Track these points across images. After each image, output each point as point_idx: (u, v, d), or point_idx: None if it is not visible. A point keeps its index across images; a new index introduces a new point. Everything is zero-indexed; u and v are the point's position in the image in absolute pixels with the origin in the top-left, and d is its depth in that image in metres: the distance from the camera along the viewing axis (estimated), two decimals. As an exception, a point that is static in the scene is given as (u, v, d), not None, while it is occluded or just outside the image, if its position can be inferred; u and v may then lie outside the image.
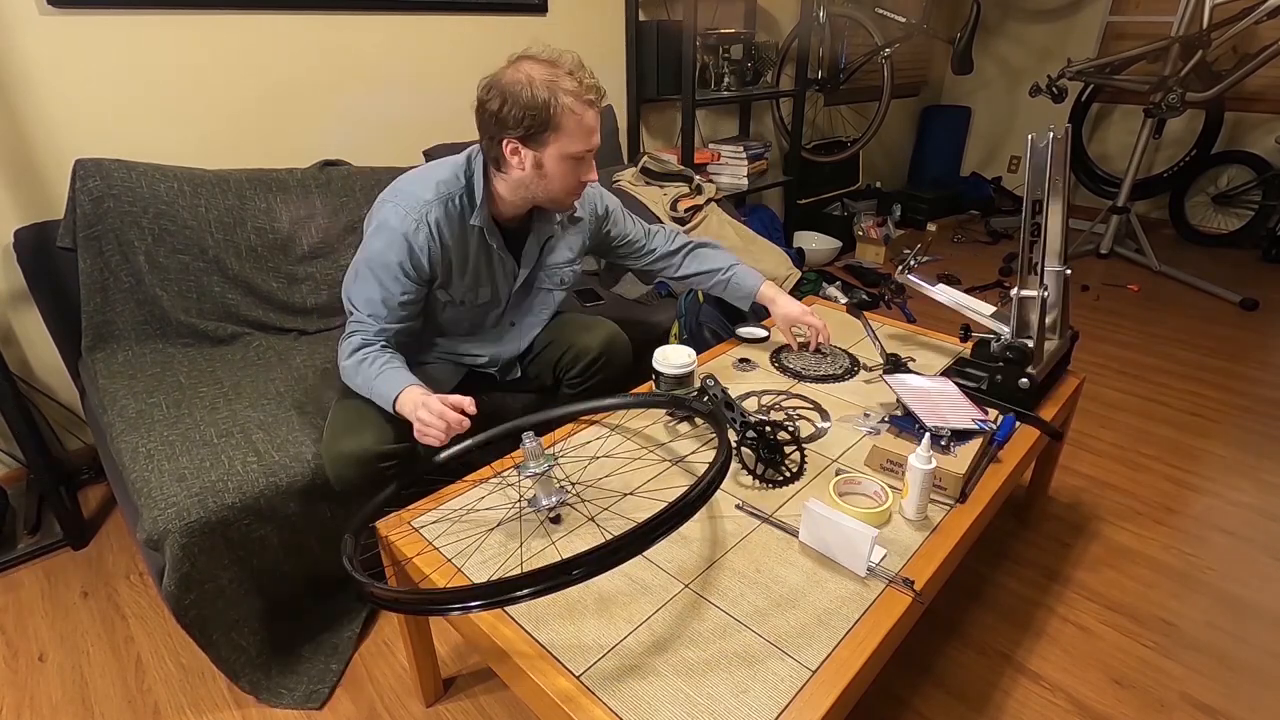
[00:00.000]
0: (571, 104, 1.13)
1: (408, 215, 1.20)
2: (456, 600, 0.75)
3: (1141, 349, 2.64)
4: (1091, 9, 3.99)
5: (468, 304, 1.36)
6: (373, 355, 1.24)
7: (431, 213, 1.21)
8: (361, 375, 1.23)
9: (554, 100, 1.11)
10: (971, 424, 1.19)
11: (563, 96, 1.12)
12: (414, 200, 1.21)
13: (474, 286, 1.34)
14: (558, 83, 1.12)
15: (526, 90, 1.10)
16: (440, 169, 1.26)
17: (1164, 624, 1.42)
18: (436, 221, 1.22)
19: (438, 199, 1.22)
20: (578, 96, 1.13)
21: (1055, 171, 1.29)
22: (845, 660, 0.83)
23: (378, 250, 1.22)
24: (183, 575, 1.16)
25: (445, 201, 1.23)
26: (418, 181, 1.24)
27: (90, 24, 1.63)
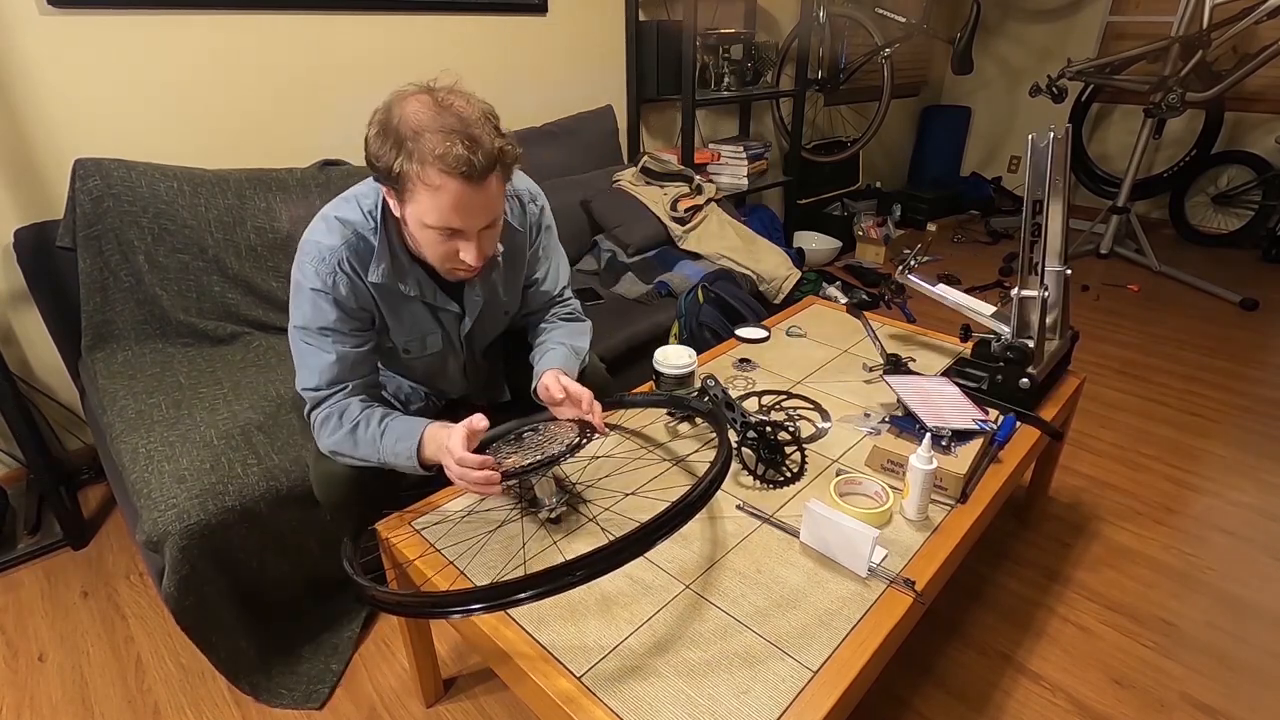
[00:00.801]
0: (430, 175, 0.91)
1: (318, 271, 1.04)
2: (458, 603, 0.75)
3: (1141, 349, 2.64)
4: (1091, 9, 3.99)
5: (414, 353, 1.21)
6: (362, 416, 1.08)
7: (343, 259, 1.05)
8: (363, 444, 1.07)
9: (407, 158, 0.91)
10: (972, 424, 1.19)
11: (423, 157, 0.90)
12: (318, 250, 1.05)
13: (418, 336, 1.18)
14: (421, 135, 0.90)
15: (391, 134, 0.92)
16: (344, 205, 1.08)
17: (1164, 624, 1.42)
18: (352, 266, 1.06)
19: (344, 241, 1.05)
20: (439, 162, 0.90)
21: (1055, 171, 1.29)
22: (846, 661, 0.83)
23: (304, 318, 1.07)
24: (182, 577, 1.15)
25: (356, 241, 1.06)
26: (320, 226, 1.07)
27: (90, 24, 1.63)
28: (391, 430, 1.06)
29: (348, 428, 1.08)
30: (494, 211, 1.01)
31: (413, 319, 1.16)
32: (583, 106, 2.61)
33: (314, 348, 1.08)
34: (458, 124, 0.92)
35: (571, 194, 2.35)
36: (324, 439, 1.10)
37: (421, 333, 1.19)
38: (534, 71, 2.51)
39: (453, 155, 0.90)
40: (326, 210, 1.09)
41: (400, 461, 1.05)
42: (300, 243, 1.08)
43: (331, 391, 1.09)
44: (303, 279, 1.06)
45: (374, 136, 0.95)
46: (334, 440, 1.09)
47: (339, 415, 1.09)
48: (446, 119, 0.92)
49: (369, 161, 0.97)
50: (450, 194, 0.93)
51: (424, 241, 1.01)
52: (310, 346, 1.08)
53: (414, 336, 1.18)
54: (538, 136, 2.43)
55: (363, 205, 1.07)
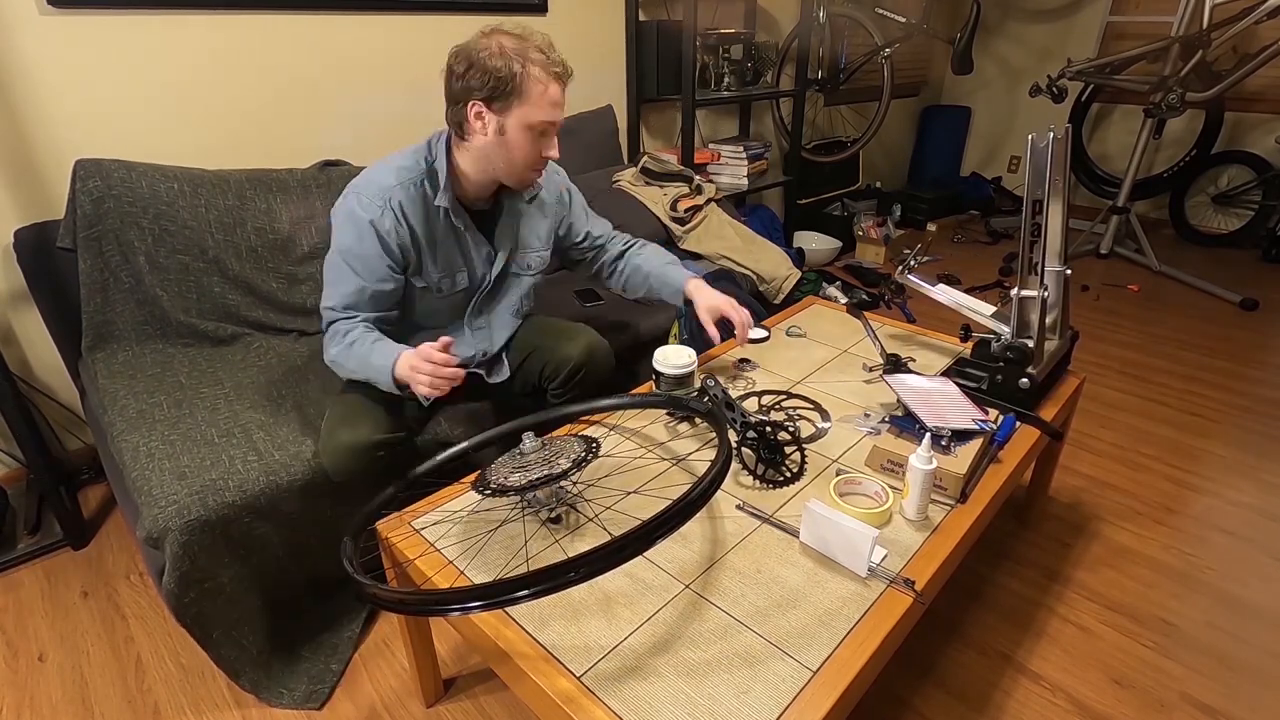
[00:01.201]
0: (538, 73, 1.16)
1: (371, 202, 1.21)
2: (457, 601, 0.75)
3: (1141, 349, 2.64)
4: (1091, 9, 3.99)
5: (445, 291, 1.35)
6: (361, 335, 1.24)
7: (394, 197, 1.22)
8: (354, 358, 1.23)
9: (521, 67, 1.14)
10: (972, 424, 1.19)
11: (530, 65, 1.15)
12: (375, 188, 1.22)
13: (449, 272, 1.34)
14: (526, 53, 1.15)
15: (495, 56, 1.13)
16: (401, 156, 1.27)
17: (1164, 624, 1.42)
18: (400, 205, 1.23)
19: (400, 184, 1.23)
20: (545, 67, 1.16)
21: (1055, 171, 1.29)
22: (846, 661, 0.83)
23: (348, 243, 1.23)
24: (183, 573, 1.16)
25: (408, 185, 1.24)
26: (378, 170, 1.25)
27: (90, 24, 1.63)
28: (378, 350, 1.22)
29: (348, 343, 1.24)
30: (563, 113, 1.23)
31: (447, 255, 1.32)
32: (583, 106, 2.61)
33: (345, 271, 1.24)
34: (543, 44, 1.19)
35: (571, 194, 2.34)
36: (329, 350, 1.27)
37: (452, 269, 1.34)
38: (534, 71, 2.50)
39: (552, 59, 1.18)
40: (383, 161, 1.28)
41: (378, 375, 1.21)
42: (354, 183, 1.25)
43: (345, 315, 1.26)
44: (358, 209, 1.22)
45: (470, 66, 1.14)
46: (335, 351, 1.26)
47: (344, 333, 1.25)
48: (533, 42, 1.18)
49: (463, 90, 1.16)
50: (555, 92, 1.19)
51: (520, 144, 1.20)
52: (343, 268, 1.24)
53: (446, 273, 1.33)
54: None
55: (417, 155, 1.26)
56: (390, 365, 1.19)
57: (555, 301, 2.02)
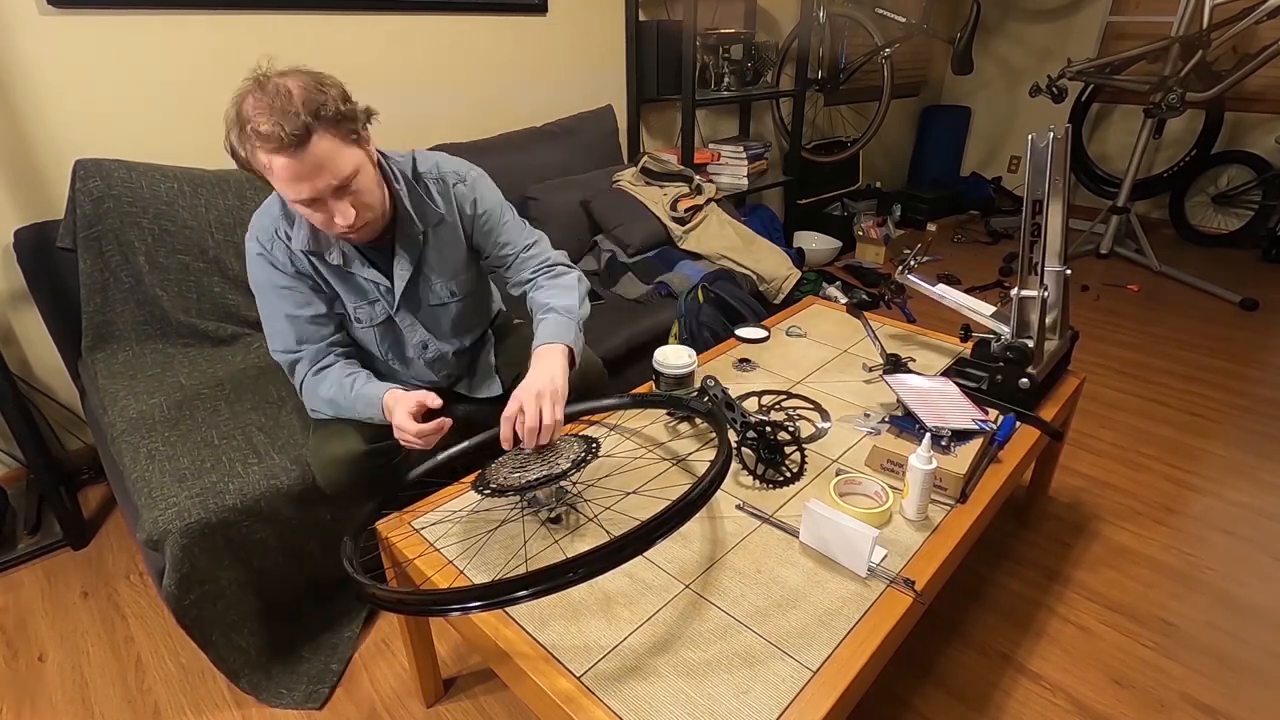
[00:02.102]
0: (259, 156, 0.98)
1: (259, 236, 1.16)
2: (457, 601, 0.75)
3: (1141, 349, 2.64)
4: (1091, 9, 3.99)
5: (364, 322, 1.26)
6: (338, 381, 1.19)
7: (279, 226, 1.15)
8: (339, 405, 1.19)
9: (245, 150, 0.99)
10: (972, 424, 1.19)
11: (252, 143, 0.98)
12: (261, 220, 1.17)
13: (365, 302, 1.24)
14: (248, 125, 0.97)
15: (229, 131, 1.00)
16: None
17: (1164, 624, 1.42)
18: (287, 234, 1.16)
19: (281, 213, 1.16)
20: (264, 145, 0.96)
21: (1055, 171, 1.29)
22: (846, 661, 0.83)
23: (255, 279, 1.18)
24: (183, 575, 1.16)
25: (292, 214, 1.15)
26: (266, 203, 1.19)
27: (90, 24, 1.63)
28: (361, 399, 1.18)
29: (326, 395, 1.20)
30: (337, 171, 1.02)
31: (355, 286, 1.23)
32: (583, 106, 2.61)
33: (267, 307, 1.19)
34: (268, 102, 0.96)
35: (571, 194, 2.35)
36: (309, 402, 1.23)
37: (367, 300, 1.25)
38: (534, 71, 2.51)
39: (264, 133, 0.95)
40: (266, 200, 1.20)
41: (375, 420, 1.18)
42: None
43: (296, 352, 1.21)
44: (248, 245, 1.17)
45: (227, 134, 1.01)
46: (318, 404, 1.22)
47: (318, 384, 1.20)
48: (263, 101, 0.97)
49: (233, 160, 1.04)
50: (280, 168, 0.98)
51: (302, 215, 1.09)
52: (265, 305, 1.19)
53: (361, 303, 1.25)
54: (538, 136, 2.43)
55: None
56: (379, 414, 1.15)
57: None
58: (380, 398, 1.15)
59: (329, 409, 1.21)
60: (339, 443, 1.21)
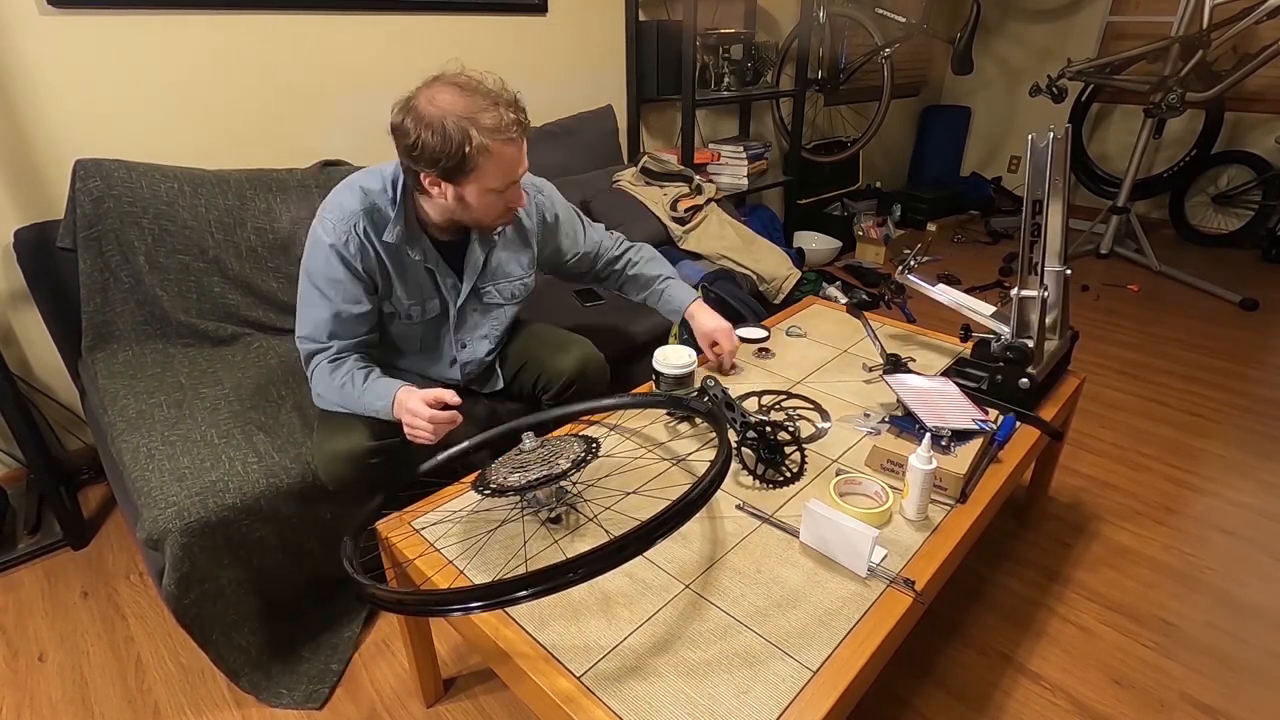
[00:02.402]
0: (488, 143, 1.06)
1: (335, 227, 1.17)
2: (458, 601, 0.75)
3: (1141, 349, 2.64)
4: (1091, 9, 3.99)
5: (415, 318, 1.31)
6: (351, 372, 1.22)
7: (359, 223, 1.18)
8: (347, 395, 1.21)
9: (469, 141, 1.05)
10: (972, 424, 1.19)
11: (478, 135, 1.05)
12: (340, 211, 1.18)
13: (419, 300, 1.29)
14: (475, 119, 1.05)
15: (440, 127, 1.04)
16: (369, 176, 1.21)
17: (1164, 624, 1.42)
18: (365, 231, 1.18)
19: (364, 209, 1.18)
20: (495, 134, 1.06)
21: (1055, 171, 1.29)
22: (846, 661, 0.83)
23: (316, 267, 1.19)
24: (183, 575, 1.16)
25: (372, 211, 1.19)
26: (345, 190, 1.20)
27: (90, 24, 1.63)
28: (371, 391, 1.20)
29: (336, 385, 1.22)
30: (527, 163, 1.18)
31: (416, 283, 1.28)
32: (583, 106, 2.61)
33: (316, 296, 1.20)
34: (495, 97, 1.08)
35: (571, 194, 2.32)
36: (317, 387, 1.24)
37: (423, 297, 1.30)
38: (534, 71, 2.51)
39: (505, 123, 1.07)
40: (352, 178, 1.22)
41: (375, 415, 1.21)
42: (323, 203, 1.21)
43: (324, 345, 1.22)
44: (322, 233, 1.18)
45: (418, 138, 1.05)
46: (323, 390, 1.23)
47: (332, 371, 1.22)
48: (482, 98, 1.07)
49: (413, 160, 1.09)
50: (509, 157, 1.10)
51: (483, 206, 1.15)
52: (314, 293, 1.20)
53: (415, 300, 1.29)
54: (538, 136, 2.43)
55: (385, 178, 1.21)
56: (389, 406, 1.18)
57: (555, 301, 2.02)
58: (393, 392, 1.18)
59: (335, 398, 1.23)
60: (343, 439, 1.22)
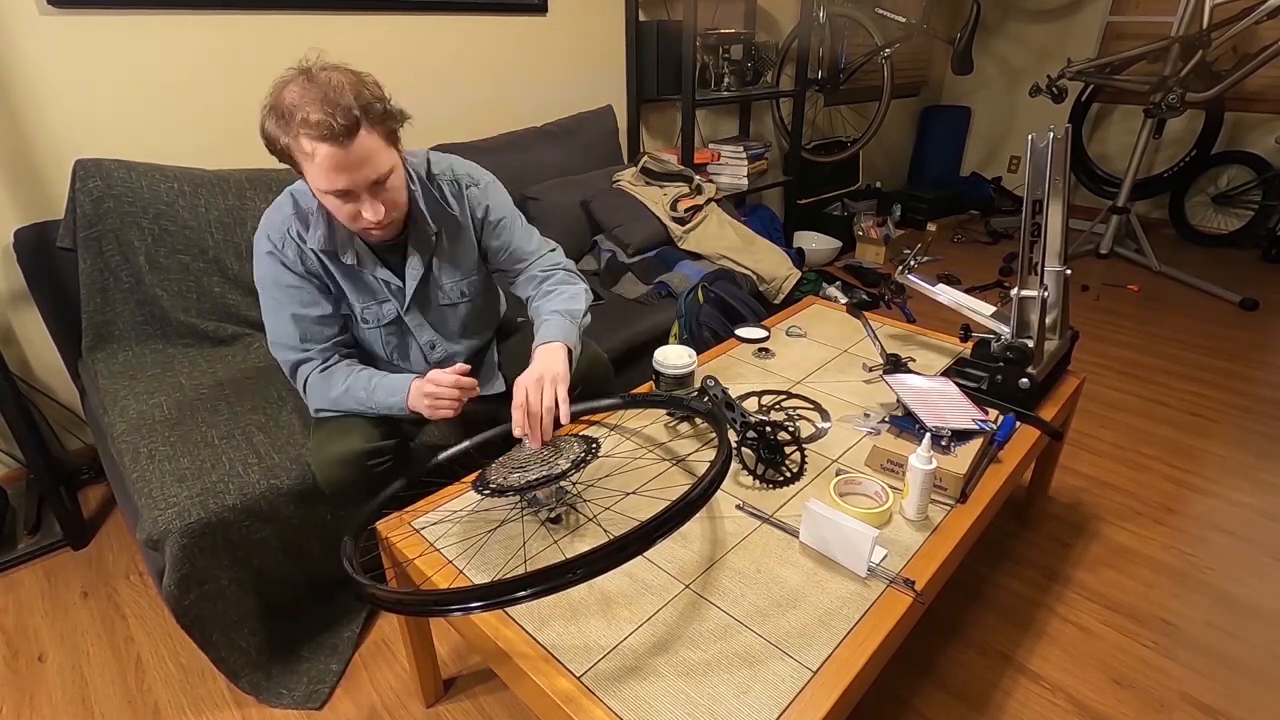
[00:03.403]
0: (302, 142, 0.99)
1: (270, 235, 1.17)
2: (458, 601, 0.75)
3: (1141, 349, 2.64)
4: (1091, 9, 3.99)
5: (372, 322, 1.27)
6: (351, 375, 1.20)
7: (292, 227, 1.16)
8: (353, 398, 1.19)
9: (289, 136, 0.99)
10: (972, 424, 1.19)
11: (296, 130, 0.98)
12: (273, 218, 1.17)
13: (374, 303, 1.26)
14: (294, 112, 0.98)
15: (269, 119, 1.01)
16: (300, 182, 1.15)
17: (1164, 624, 1.42)
18: (299, 234, 1.17)
19: (293, 212, 1.17)
20: (304, 130, 0.97)
21: (1055, 171, 1.29)
22: (846, 661, 0.83)
23: (263, 275, 1.18)
24: (183, 575, 1.15)
25: (304, 213, 1.17)
26: (279, 198, 1.19)
27: (90, 24, 1.63)
28: (383, 387, 1.19)
29: (340, 389, 1.20)
30: (376, 167, 1.04)
31: (365, 286, 1.25)
32: (583, 106, 2.61)
33: (272, 303, 1.19)
34: (320, 93, 0.98)
35: (571, 194, 2.35)
36: (314, 400, 1.22)
37: (375, 300, 1.26)
38: (534, 71, 2.51)
39: (313, 121, 0.97)
40: (289, 188, 1.21)
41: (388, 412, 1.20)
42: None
43: (303, 351, 1.21)
44: (258, 243, 1.18)
45: (266, 125, 1.02)
46: (327, 401, 1.21)
47: (328, 379, 1.20)
48: (312, 91, 0.98)
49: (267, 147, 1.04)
50: (323, 157, 1.00)
51: (329, 208, 1.09)
52: (270, 301, 1.19)
53: (369, 303, 1.26)
54: (538, 136, 2.43)
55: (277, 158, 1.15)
56: (403, 400, 1.17)
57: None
58: (405, 385, 1.18)
59: (338, 406, 1.21)
60: (339, 442, 1.21)
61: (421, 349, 1.35)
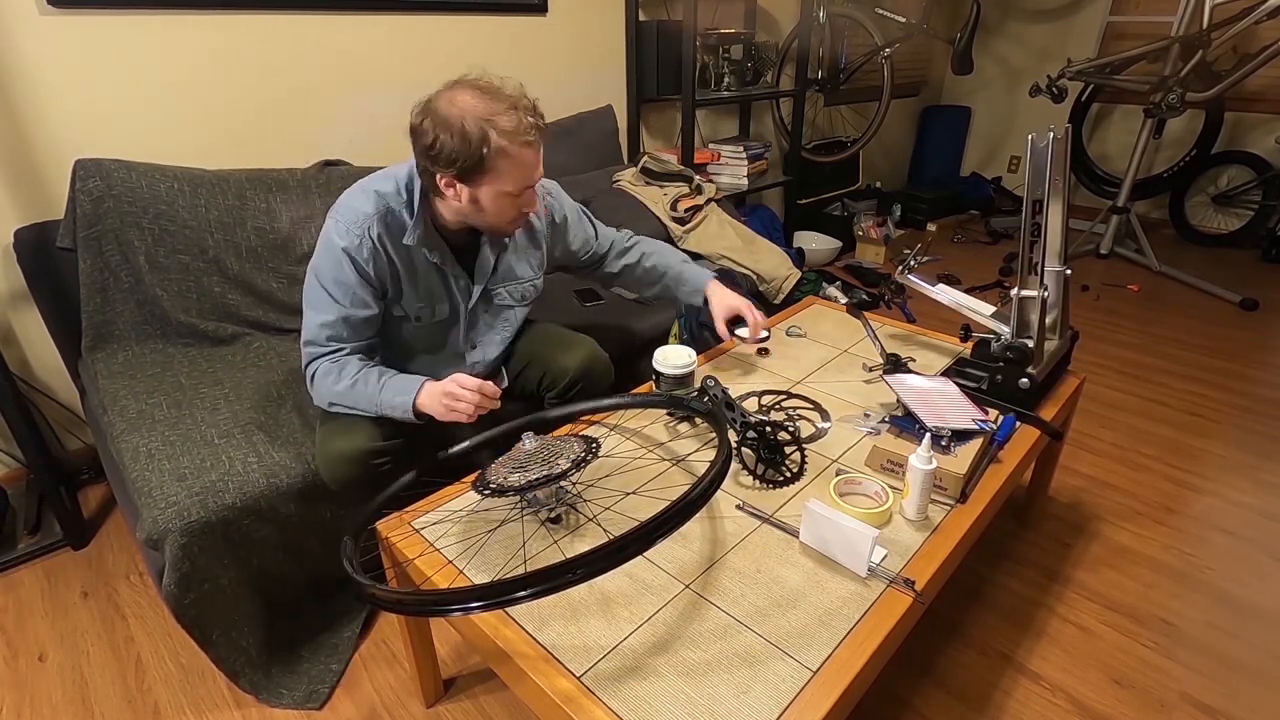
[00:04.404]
0: (506, 145, 1.07)
1: (349, 231, 1.17)
2: (458, 601, 0.75)
3: (1141, 349, 2.64)
4: (1091, 9, 3.99)
5: (424, 320, 1.30)
6: (362, 372, 1.20)
7: (373, 227, 1.17)
8: (359, 395, 1.19)
9: (487, 142, 1.05)
10: (972, 424, 1.19)
11: (497, 138, 1.06)
12: (353, 215, 1.18)
13: (429, 302, 1.29)
14: (494, 121, 1.06)
15: (459, 128, 1.05)
16: (383, 180, 1.21)
17: (1164, 624, 1.42)
18: (378, 236, 1.18)
19: (377, 212, 1.18)
20: (514, 137, 1.07)
21: (1055, 171, 1.29)
22: (846, 661, 0.83)
23: (325, 268, 1.18)
24: (182, 575, 1.16)
25: (385, 215, 1.19)
26: (358, 194, 1.20)
27: (90, 24, 1.63)
28: (389, 387, 1.19)
29: (347, 383, 1.19)
30: (542, 169, 1.18)
31: (427, 286, 1.28)
32: (583, 106, 2.61)
33: (325, 299, 1.19)
34: (513, 101, 1.08)
35: (571, 194, 2.31)
36: (320, 391, 1.22)
37: (432, 300, 1.30)
38: (534, 71, 2.51)
39: (524, 126, 1.08)
40: (365, 182, 1.22)
41: (392, 412, 1.19)
42: (336, 204, 1.21)
43: (329, 350, 1.21)
44: (335, 236, 1.18)
45: (435, 138, 1.06)
46: (333, 394, 1.21)
47: (338, 371, 1.20)
48: (501, 101, 1.07)
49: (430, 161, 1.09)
50: (526, 160, 1.11)
51: (497, 209, 1.16)
52: (323, 296, 1.19)
53: (425, 303, 1.29)
54: (538, 136, 2.43)
55: (399, 181, 1.21)
56: (410, 402, 1.17)
57: (555, 301, 2.02)
58: (415, 385, 1.18)
59: (343, 399, 1.21)
60: (345, 440, 1.21)
61: (461, 347, 1.38)
